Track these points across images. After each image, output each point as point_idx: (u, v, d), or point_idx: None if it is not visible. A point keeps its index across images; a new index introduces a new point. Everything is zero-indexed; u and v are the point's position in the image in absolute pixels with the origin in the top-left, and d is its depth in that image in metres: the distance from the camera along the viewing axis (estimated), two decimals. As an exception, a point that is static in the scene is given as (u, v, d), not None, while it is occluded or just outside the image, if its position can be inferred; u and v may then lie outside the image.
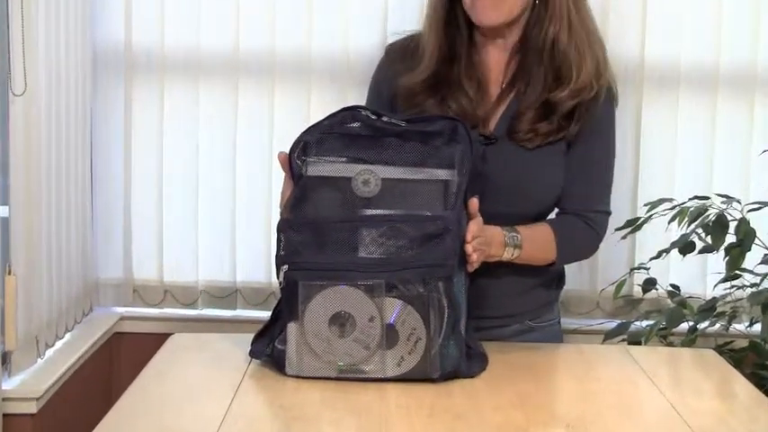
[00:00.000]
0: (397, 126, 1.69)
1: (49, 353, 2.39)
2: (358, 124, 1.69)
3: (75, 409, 2.44)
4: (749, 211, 2.38)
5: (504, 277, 1.88)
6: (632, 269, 2.63)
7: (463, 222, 1.67)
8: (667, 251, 2.46)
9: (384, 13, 2.65)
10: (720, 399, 1.72)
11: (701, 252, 2.42)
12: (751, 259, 2.40)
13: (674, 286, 2.58)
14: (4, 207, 2.23)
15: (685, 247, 2.41)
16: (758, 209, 2.39)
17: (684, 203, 2.40)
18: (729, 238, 2.34)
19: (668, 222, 2.42)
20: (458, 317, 1.65)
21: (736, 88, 2.68)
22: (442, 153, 1.67)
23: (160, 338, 1.89)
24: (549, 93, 1.86)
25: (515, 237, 1.80)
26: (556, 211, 1.95)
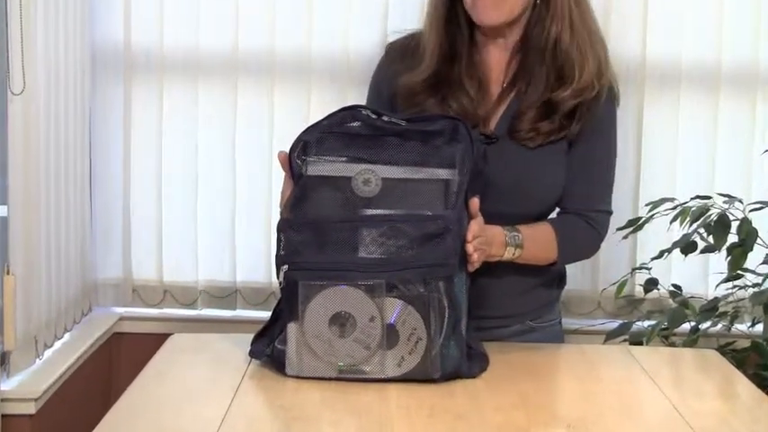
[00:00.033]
0: (398, 125, 1.68)
1: (48, 353, 2.39)
2: (358, 124, 1.68)
3: (74, 409, 2.44)
4: (751, 211, 2.37)
5: (505, 277, 1.87)
6: (634, 269, 2.63)
7: (464, 222, 1.66)
8: (669, 251, 2.46)
9: (384, 13, 2.65)
10: (722, 399, 1.72)
11: (702, 252, 2.42)
12: (753, 259, 2.40)
13: (675, 286, 2.58)
14: (2, 207, 2.22)
15: (687, 246, 2.40)
16: (760, 208, 2.39)
17: (686, 203, 2.40)
18: (731, 237, 2.33)
19: (670, 222, 2.41)
20: (458, 317, 1.64)
21: (738, 87, 2.68)
22: (442, 152, 1.67)
23: (160, 339, 1.89)
24: (551, 92, 1.85)
25: (516, 236, 1.79)
26: (557, 210, 1.94)
